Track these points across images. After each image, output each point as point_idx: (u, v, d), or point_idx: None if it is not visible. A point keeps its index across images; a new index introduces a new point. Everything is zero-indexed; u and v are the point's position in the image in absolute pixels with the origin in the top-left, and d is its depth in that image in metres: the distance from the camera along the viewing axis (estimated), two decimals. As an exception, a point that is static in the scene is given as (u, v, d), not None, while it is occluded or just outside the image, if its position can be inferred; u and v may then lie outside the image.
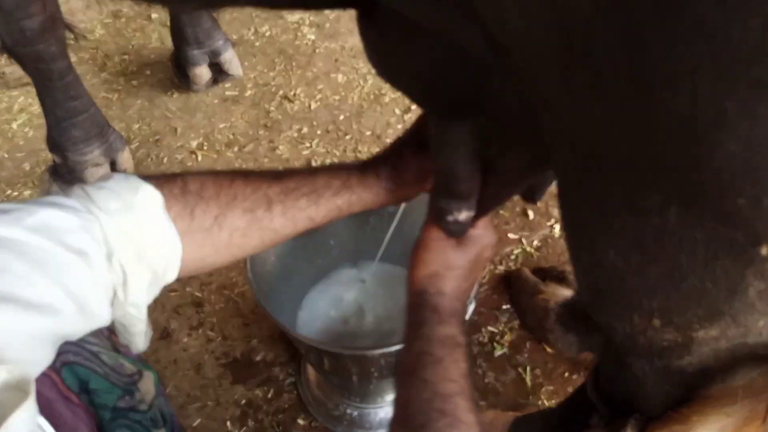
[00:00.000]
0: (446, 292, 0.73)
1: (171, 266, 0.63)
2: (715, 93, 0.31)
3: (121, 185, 0.61)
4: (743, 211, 0.36)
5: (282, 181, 0.71)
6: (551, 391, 1.31)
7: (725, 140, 0.33)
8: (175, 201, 0.64)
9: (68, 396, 0.68)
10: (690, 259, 0.42)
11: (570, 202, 0.52)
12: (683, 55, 0.31)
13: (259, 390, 1.34)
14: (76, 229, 0.54)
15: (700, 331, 0.48)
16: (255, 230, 0.69)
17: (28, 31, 1.35)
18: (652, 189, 0.41)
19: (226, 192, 0.67)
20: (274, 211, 0.70)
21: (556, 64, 0.40)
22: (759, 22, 0.28)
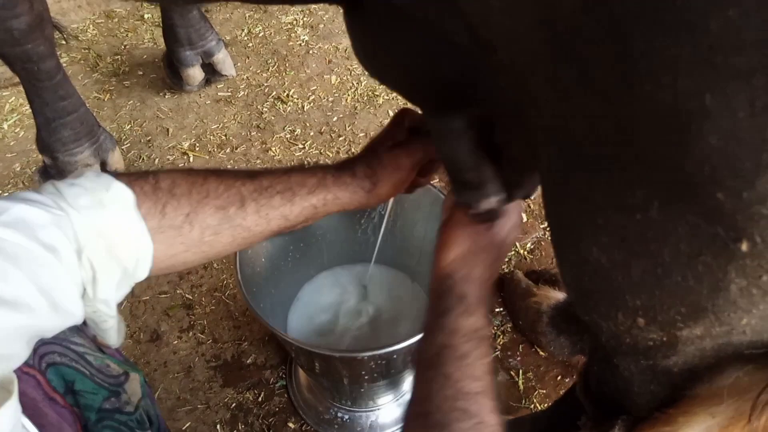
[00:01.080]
0: (475, 278, 0.69)
1: (141, 264, 0.63)
2: (696, 85, 0.31)
3: (93, 182, 0.61)
4: (724, 205, 0.36)
5: (256, 179, 0.70)
6: (543, 394, 1.31)
7: (706, 133, 0.33)
8: (146, 198, 0.63)
9: (53, 397, 0.67)
10: (673, 255, 0.42)
11: (555, 199, 0.52)
12: (664, 46, 0.31)
13: (249, 393, 1.33)
14: (47, 225, 0.54)
15: (685, 329, 0.48)
16: (227, 228, 0.68)
17: (15, 31, 1.34)
18: (637, 184, 0.41)
19: (198, 190, 0.66)
20: (247, 209, 0.68)
21: (541, 60, 0.40)
22: (736, 12, 0.28)
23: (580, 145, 0.44)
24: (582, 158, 0.44)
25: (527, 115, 0.47)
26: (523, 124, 0.49)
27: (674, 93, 0.32)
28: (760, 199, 0.34)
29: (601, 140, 0.41)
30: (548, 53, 0.39)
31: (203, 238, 0.67)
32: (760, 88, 0.30)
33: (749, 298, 0.42)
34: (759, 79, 0.29)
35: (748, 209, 0.35)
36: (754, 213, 0.35)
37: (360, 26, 0.63)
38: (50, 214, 0.55)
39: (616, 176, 0.42)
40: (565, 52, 0.37)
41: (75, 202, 0.57)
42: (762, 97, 0.30)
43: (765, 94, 0.30)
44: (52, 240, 0.53)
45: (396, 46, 0.60)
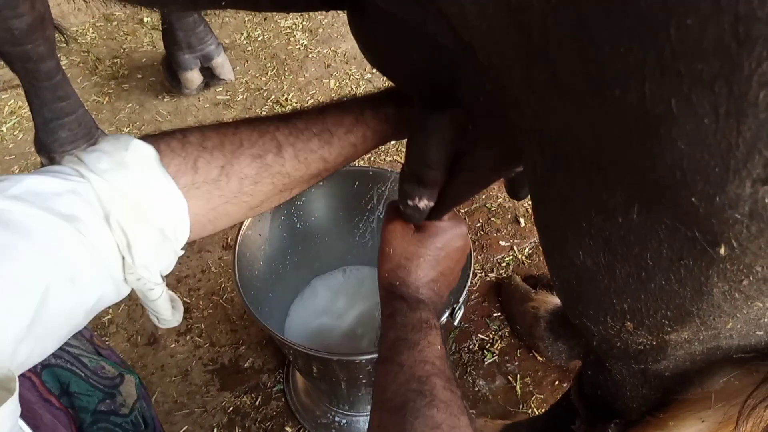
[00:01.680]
0: (410, 282, 0.73)
1: (179, 223, 0.60)
2: (662, 90, 0.32)
3: (112, 145, 0.58)
4: (698, 209, 0.36)
5: (290, 122, 0.68)
6: (541, 399, 1.31)
7: (674, 137, 0.33)
8: (175, 155, 0.60)
9: (48, 399, 0.66)
10: (655, 259, 0.43)
11: (540, 202, 0.53)
12: (629, 51, 0.32)
13: (246, 397, 1.33)
14: (64, 193, 0.52)
15: (672, 333, 0.49)
16: (266, 176, 0.66)
17: (16, 31, 1.34)
18: (616, 187, 0.41)
19: (230, 140, 0.63)
20: (284, 155, 0.66)
21: (516, 62, 0.40)
22: (694, 20, 0.28)
23: (559, 147, 0.44)
24: (562, 159, 0.45)
25: (510, 116, 0.48)
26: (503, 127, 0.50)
27: (641, 97, 0.33)
28: (732, 204, 0.34)
29: (578, 142, 0.41)
30: (523, 56, 0.39)
31: (242, 188, 0.64)
32: (723, 95, 0.30)
33: (732, 302, 0.42)
34: (720, 86, 0.30)
35: (721, 214, 0.35)
36: (728, 217, 0.35)
37: (360, 25, 0.64)
38: (67, 182, 0.53)
39: (594, 178, 0.42)
40: (538, 55, 0.37)
41: (95, 167, 0.55)
42: (725, 104, 0.30)
43: (727, 100, 0.30)
44: (70, 208, 0.51)
45: (390, 43, 0.61)
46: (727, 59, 0.29)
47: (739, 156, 0.31)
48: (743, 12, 0.27)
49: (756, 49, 0.28)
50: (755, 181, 0.32)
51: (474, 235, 1.60)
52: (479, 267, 1.54)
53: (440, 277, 0.76)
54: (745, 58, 0.28)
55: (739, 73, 0.29)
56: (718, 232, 0.37)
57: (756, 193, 0.33)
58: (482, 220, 1.63)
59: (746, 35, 0.27)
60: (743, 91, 0.29)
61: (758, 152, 0.31)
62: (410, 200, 0.70)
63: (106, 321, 1.46)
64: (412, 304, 0.70)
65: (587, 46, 0.33)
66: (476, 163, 0.66)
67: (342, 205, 1.27)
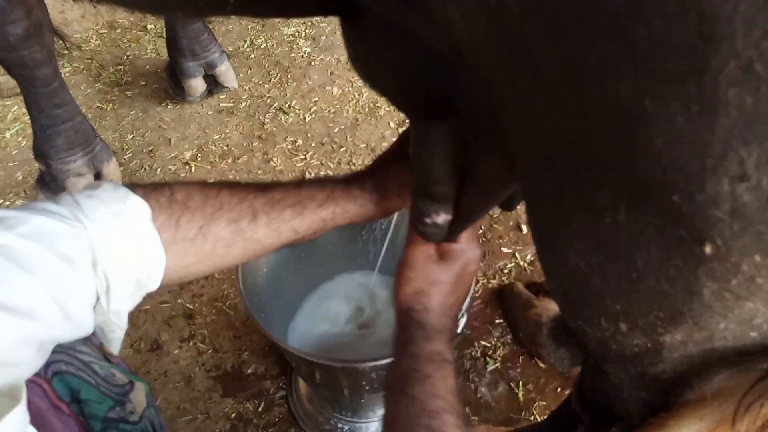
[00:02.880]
0: (431, 308, 0.73)
1: (154, 275, 0.64)
2: (635, 89, 0.32)
3: (110, 195, 0.62)
4: (681, 208, 0.36)
5: (268, 192, 0.72)
6: (544, 406, 1.31)
7: (651, 136, 0.33)
8: (161, 211, 0.64)
9: (59, 406, 0.67)
10: (645, 259, 0.43)
11: (532, 204, 0.53)
12: (603, 50, 0.32)
13: (249, 403, 1.33)
14: (65, 236, 0.55)
15: (666, 335, 0.49)
16: (239, 241, 0.69)
17: (11, 37, 1.34)
18: (602, 187, 0.42)
19: (211, 202, 0.68)
20: (258, 222, 0.70)
21: (501, 65, 0.41)
22: (660, 20, 0.29)
23: (547, 148, 0.45)
24: (550, 160, 0.45)
25: (501, 120, 0.49)
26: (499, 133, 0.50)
27: (617, 96, 0.33)
28: (712, 202, 0.34)
29: (564, 142, 0.42)
30: (505, 58, 0.39)
31: (215, 250, 0.68)
32: (694, 93, 0.30)
33: (723, 302, 0.42)
34: (690, 84, 0.30)
35: (703, 212, 0.36)
36: (710, 216, 0.35)
37: (354, 35, 0.65)
38: (68, 226, 0.56)
39: (582, 178, 0.43)
40: (519, 55, 0.38)
41: (92, 215, 0.58)
42: (696, 103, 0.30)
43: (698, 99, 0.30)
44: (68, 251, 0.54)
45: (385, 53, 0.62)
46: (695, 58, 0.29)
47: (715, 154, 0.32)
48: (707, 12, 0.27)
49: (721, 48, 0.28)
50: (732, 179, 0.33)
51: (476, 242, 1.61)
52: (481, 274, 1.54)
53: (456, 302, 0.76)
54: (712, 57, 0.28)
55: (707, 72, 0.29)
56: (702, 231, 0.37)
57: (734, 191, 0.33)
58: (484, 227, 1.64)
59: (711, 35, 0.28)
60: (713, 90, 0.29)
61: (733, 150, 0.31)
62: (427, 218, 0.70)
63: (109, 327, 1.46)
64: (429, 334, 0.70)
65: (564, 46, 0.34)
66: (483, 175, 0.66)
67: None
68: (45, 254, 0.52)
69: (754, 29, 0.27)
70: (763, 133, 0.30)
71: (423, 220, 0.71)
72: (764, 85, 0.28)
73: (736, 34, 0.27)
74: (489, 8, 0.36)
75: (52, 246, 0.53)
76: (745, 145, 0.31)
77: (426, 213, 0.70)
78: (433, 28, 0.46)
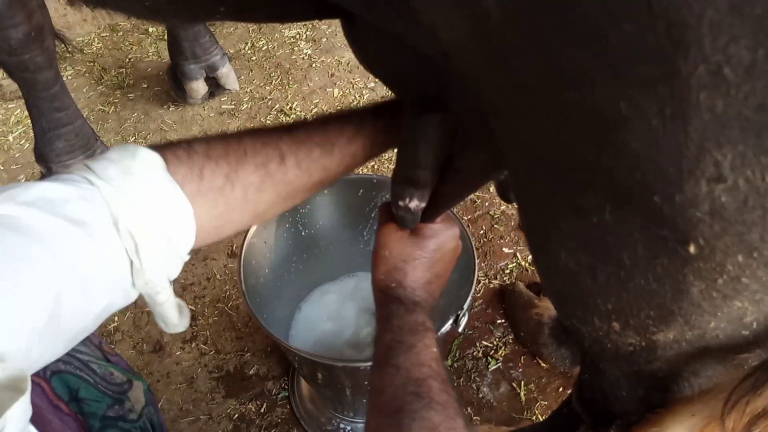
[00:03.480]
0: (407, 284, 0.73)
1: (185, 229, 0.61)
2: (611, 93, 0.32)
3: (119, 153, 0.59)
4: (663, 209, 0.37)
5: (293, 132, 0.69)
6: (545, 405, 1.31)
7: (628, 139, 0.34)
8: (181, 163, 0.61)
9: (57, 404, 0.67)
10: (632, 259, 0.43)
11: (523, 204, 0.54)
12: (579, 56, 0.32)
13: (251, 404, 1.33)
14: (73, 199, 0.52)
15: (659, 333, 0.49)
16: (269, 185, 0.67)
17: (12, 41, 1.35)
18: (588, 188, 0.42)
19: (235, 149, 0.65)
20: (287, 163, 0.68)
21: (486, 70, 0.41)
22: (633, 26, 0.29)
23: (535, 150, 0.45)
24: (538, 162, 0.46)
25: (490, 122, 0.49)
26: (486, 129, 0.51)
27: (594, 101, 0.33)
28: (692, 203, 0.35)
29: (550, 144, 0.42)
30: (489, 63, 0.40)
31: (247, 196, 0.66)
32: (666, 97, 0.30)
33: (712, 301, 0.43)
34: (663, 89, 0.30)
35: (684, 213, 0.36)
36: (691, 216, 0.36)
37: (353, 34, 0.66)
38: (76, 188, 0.53)
39: (568, 179, 0.43)
40: (502, 61, 0.38)
41: (103, 174, 0.56)
42: (669, 106, 0.31)
43: (671, 103, 0.31)
44: (79, 214, 0.51)
45: (379, 52, 0.63)
46: (666, 63, 0.29)
47: (690, 156, 0.32)
48: (674, 19, 0.28)
49: (690, 53, 0.28)
50: (710, 181, 0.33)
51: (477, 243, 1.61)
52: (483, 274, 1.55)
53: (435, 278, 0.77)
54: (681, 62, 0.29)
55: (678, 76, 0.29)
56: (684, 231, 0.37)
57: (712, 192, 0.34)
58: (485, 228, 1.64)
59: (680, 41, 0.28)
60: (684, 94, 0.30)
61: (708, 152, 0.32)
62: (401, 201, 0.71)
63: (111, 329, 1.47)
64: (408, 307, 0.71)
65: (543, 52, 0.34)
66: (466, 166, 0.67)
67: (346, 213, 1.27)
68: (51, 220, 0.49)
69: (721, 35, 0.27)
70: (735, 135, 0.30)
71: (397, 203, 0.72)
72: (734, 89, 0.29)
73: (703, 39, 0.28)
74: (471, 16, 0.37)
75: (59, 210, 0.50)
76: (719, 148, 0.31)
77: (401, 196, 0.71)
78: (422, 35, 0.46)
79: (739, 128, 0.30)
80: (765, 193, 0.33)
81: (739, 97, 0.29)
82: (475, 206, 1.69)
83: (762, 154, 0.31)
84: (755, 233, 0.35)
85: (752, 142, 0.30)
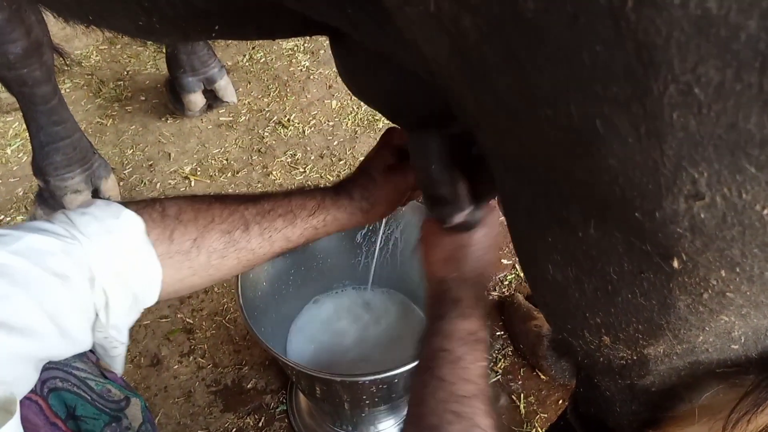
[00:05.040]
0: (465, 273, 0.72)
1: (151, 289, 0.64)
2: (586, 111, 0.33)
3: (103, 211, 0.62)
4: (645, 224, 0.37)
5: (258, 203, 0.73)
6: (545, 418, 1.30)
7: (605, 155, 0.34)
8: (155, 225, 0.65)
9: (55, 422, 0.66)
10: (618, 273, 0.44)
11: (511, 217, 0.54)
12: (554, 75, 0.33)
13: (249, 418, 1.33)
14: (58, 253, 0.55)
15: (649, 347, 0.50)
16: (232, 251, 0.70)
17: (11, 55, 1.35)
18: (572, 203, 0.42)
19: (203, 215, 0.68)
20: (251, 232, 0.71)
21: (466, 86, 0.41)
22: (603, 46, 0.29)
23: (518, 162, 0.46)
24: (523, 174, 0.46)
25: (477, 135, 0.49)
26: None
27: (570, 118, 0.34)
28: (672, 219, 0.35)
29: (533, 159, 0.43)
30: (470, 79, 0.40)
31: (210, 261, 0.69)
32: (640, 116, 0.30)
33: (698, 316, 0.43)
34: (636, 107, 0.30)
35: (665, 228, 0.36)
36: (672, 232, 0.36)
37: (343, 54, 0.67)
38: (62, 242, 0.56)
39: (552, 194, 0.44)
40: (480, 78, 0.39)
41: (86, 230, 0.59)
42: (644, 124, 0.31)
43: (645, 121, 0.31)
44: (62, 268, 0.55)
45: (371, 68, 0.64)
46: (637, 83, 0.29)
47: (667, 174, 0.32)
48: (642, 39, 0.28)
49: (661, 73, 0.28)
50: (687, 198, 0.33)
51: (476, 254, 1.60)
52: (481, 286, 1.54)
53: (488, 266, 0.75)
54: (652, 82, 0.29)
55: (650, 95, 0.29)
56: (667, 246, 0.38)
57: (691, 208, 0.34)
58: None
59: (650, 61, 0.28)
60: (658, 113, 0.30)
61: (684, 170, 0.32)
62: (449, 220, 0.70)
63: (109, 343, 1.46)
64: (465, 311, 0.69)
65: (518, 70, 0.34)
66: None
67: (344, 226, 1.27)
68: (37, 271, 0.52)
69: (689, 55, 0.27)
70: (710, 154, 0.30)
71: (446, 226, 0.71)
72: (705, 108, 0.29)
73: (672, 60, 0.28)
74: (450, 34, 0.37)
75: (44, 262, 0.53)
76: (695, 165, 0.31)
77: (443, 218, 0.71)
78: (408, 52, 0.47)
79: (713, 146, 0.30)
80: (742, 210, 0.33)
81: (710, 116, 0.29)
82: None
83: (737, 172, 0.31)
84: (736, 249, 0.35)
85: (727, 160, 0.30)
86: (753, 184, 0.31)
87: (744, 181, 0.31)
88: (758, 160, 0.30)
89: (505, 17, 0.32)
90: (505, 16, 0.32)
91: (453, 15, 0.34)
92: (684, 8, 0.26)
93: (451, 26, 0.36)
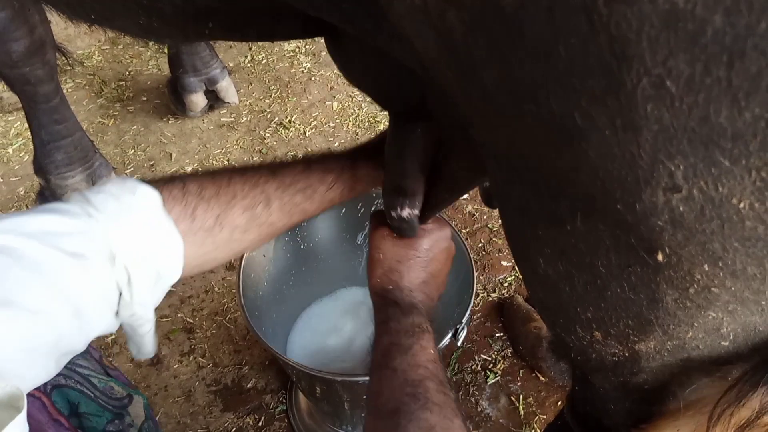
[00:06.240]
0: (403, 285, 0.75)
1: (174, 264, 0.63)
2: (565, 104, 0.33)
3: (119, 188, 0.61)
4: (627, 216, 0.37)
5: (278, 176, 0.73)
6: (544, 419, 1.31)
7: (585, 149, 0.34)
8: (176, 203, 0.64)
9: (58, 419, 0.67)
10: (606, 267, 0.44)
11: (503, 212, 0.55)
12: (533, 69, 0.33)
13: (249, 418, 1.33)
14: (73, 233, 0.54)
15: (640, 343, 0.50)
16: (254, 226, 0.71)
17: (13, 54, 1.36)
18: (559, 197, 0.43)
19: (225, 191, 0.68)
20: (272, 207, 0.71)
21: (455, 81, 0.42)
22: (578, 39, 0.29)
23: (508, 158, 0.46)
24: (514, 171, 0.47)
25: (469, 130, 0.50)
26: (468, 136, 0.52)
27: (551, 112, 0.34)
28: (652, 212, 0.35)
29: (522, 154, 0.43)
30: (458, 74, 0.40)
31: (232, 236, 0.69)
32: (615, 109, 0.31)
33: (686, 311, 0.43)
34: (611, 100, 0.31)
35: (647, 221, 0.36)
36: (653, 225, 0.36)
37: (337, 49, 0.68)
38: (76, 221, 0.55)
39: (541, 188, 0.44)
40: (468, 73, 0.39)
41: (103, 208, 0.58)
42: (619, 117, 0.31)
43: (620, 114, 0.31)
44: (77, 247, 0.54)
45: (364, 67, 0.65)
46: (611, 76, 0.30)
47: (645, 166, 0.33)
48: (615, 33, 0.28)
49: (634, 66, 0.29)
50: (666, 190, 0.33)
51: (476, 256, 1.61)
52: (481, 287, 1.55)
53: (430, 278, 0.78)
54: (626, 75, 0.29)
55: (624, 88, 0.30)
56: (650, 239, 0.38)
57: (669, 201, 0.34)
58: (484, 240, 1.64)
59: (623, 54, 0.29)
60: (632, 106, 0.30)
61: (661, 163, 0.32)
62: (393, 211, 0.73)
63: (109, 341, 1.47)
64: (405, 309, 0.72)
65: (501, 64, 0.35)
66: (451, 171, 0.69)
67: (345, 226, 1.28)
68: (50, 252, 0.51)
69: (660, 49, 0.28)
70: (685, 147, 0.31)
71: (390, 213, 0.73)
72: (677, 102, 0.29)
73: (644, 53, 0.28)
74: (436, 29, 0.37)
75: (58, 243, 0.52)
76: (671, 158, 0.32)
77: (393, 206, 0.72)
78: (402, 48, 0.47)
79: (687, 140, 0.30)
80: (720, 204, 0.33)
81: (683, 109, 0.29)
82: (473, 219, 1.69)
83: (712, 165, 0.31)
84: (717, 243, 0.36)
85: (701, 153, 0.31)
86: (728, 178, 0.31)
87: (720, 175, 0.31)
88: (732, 153, 0.30)
89: (487, 11, 0.32)
90: (487, 10, 0.32)
91: (439, 9, 0.35)
92: (653, 2, 0.26)
93: (438, 21, 0.36)
